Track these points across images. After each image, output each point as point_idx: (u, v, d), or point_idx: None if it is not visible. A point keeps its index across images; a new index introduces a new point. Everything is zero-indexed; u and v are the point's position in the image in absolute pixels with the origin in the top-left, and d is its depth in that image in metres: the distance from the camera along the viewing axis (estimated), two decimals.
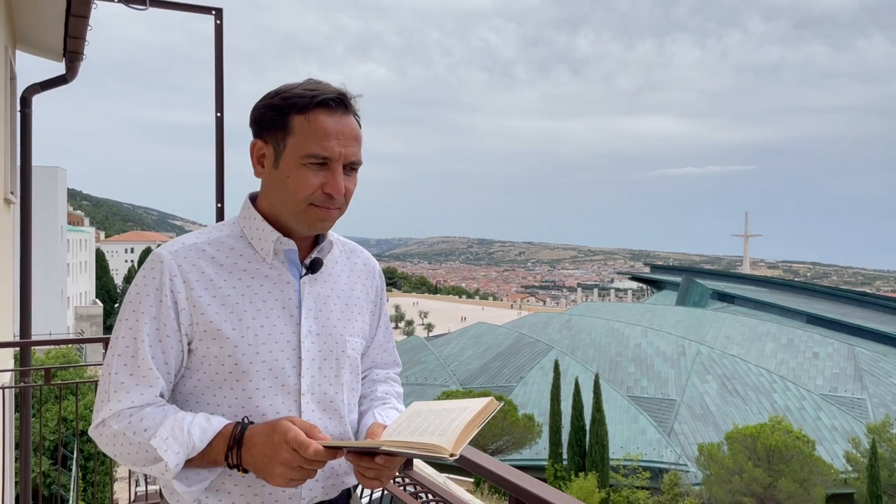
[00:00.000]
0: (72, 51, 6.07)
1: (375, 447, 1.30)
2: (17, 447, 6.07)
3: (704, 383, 41.10)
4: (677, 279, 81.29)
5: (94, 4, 5.13)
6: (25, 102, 6.48)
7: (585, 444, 30.51)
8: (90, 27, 5.60)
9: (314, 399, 1.46)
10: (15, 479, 6.03)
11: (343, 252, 1.63)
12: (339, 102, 1.42)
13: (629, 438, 35.20)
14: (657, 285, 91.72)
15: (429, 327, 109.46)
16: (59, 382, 4.88)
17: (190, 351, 1.41)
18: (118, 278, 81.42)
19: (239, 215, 1.52)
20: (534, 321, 55.41)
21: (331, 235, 1.55)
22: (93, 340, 5.39)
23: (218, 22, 5.74)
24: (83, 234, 60.96)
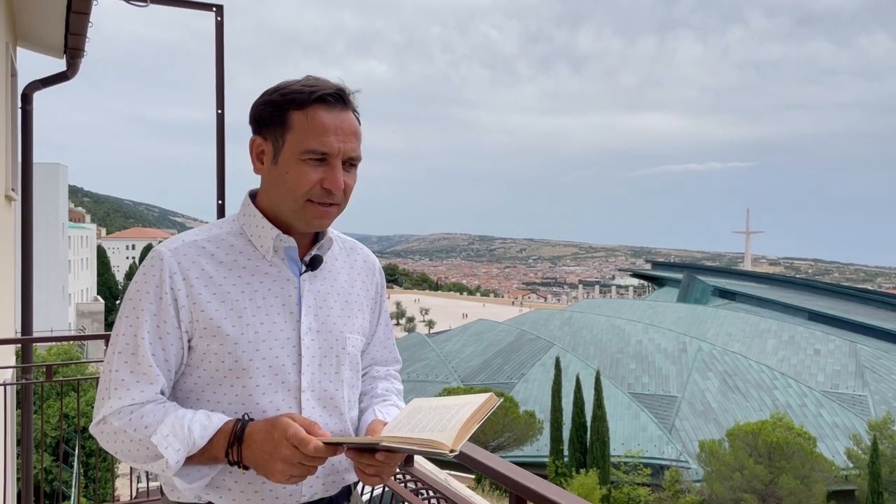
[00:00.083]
0: (73, 47, 6.07)
1: (375, 443, 1.31)
2: (19, 444, 6.08)
3: (706, 380, 41.12)
4: (678, 276, 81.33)
5: (95, 1, 5.13)
6: (26, 99, 6.49)
7: (586, 441, 30.55)
8: (91, 24, 5.60)
9: (314, 396, 1.47)
10: (17, 476, 6.04)
11: (343, 249, 1.63)
12: (338, 98, 1.42)
13: (630, 435, 35.23)
14: (658, 282, 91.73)
15: (430, 324, 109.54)
16: (61, 379, 4.89)
17: (190, 348, 1.42)
18: (119, 275, 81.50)
19: (239, 212, 1.52)
20: (535, 318, 55.42)
21: (330, 232, 1.55)
22: (94, 337, 5.40)
23: (219, 19, 5.74)
24: (84, 231, 60.97)
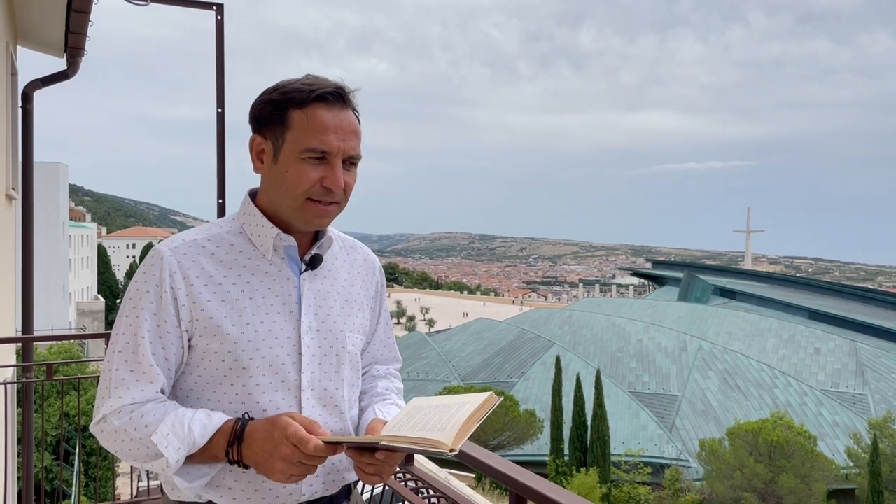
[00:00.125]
0: (73, 46, 6.07)
1: (375, 443, 1.31)
2: (20, 442, 6.09)
3: (706, 379, 41.12)
4: (679, 275, 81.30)
5: (95, 0, 5.13)
6: (27, 98, 6.49)
7: (587, 440, 30.56)
8: (91, 23, 5.60)
9: (314, 395, 1.47)
10: (17, 475, 6.05)
11: (343, 248, 1.63)
12: (338, 96, 1.42)
13: (630, 434, 35.24)
14: (659, 281, 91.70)
15: (430, 323, 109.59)
16: (61, 378, 4.89)
17: (190, 347, 1.42)
18: (120, 274, 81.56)
19: (239, 211, 1.53)
20: (535, 317, 55.42)
21: (330, 231, 1.55)
22: (95, 336, 5.41)
23: (219, 17, 5.74)
24: (85, 230, 60.99)
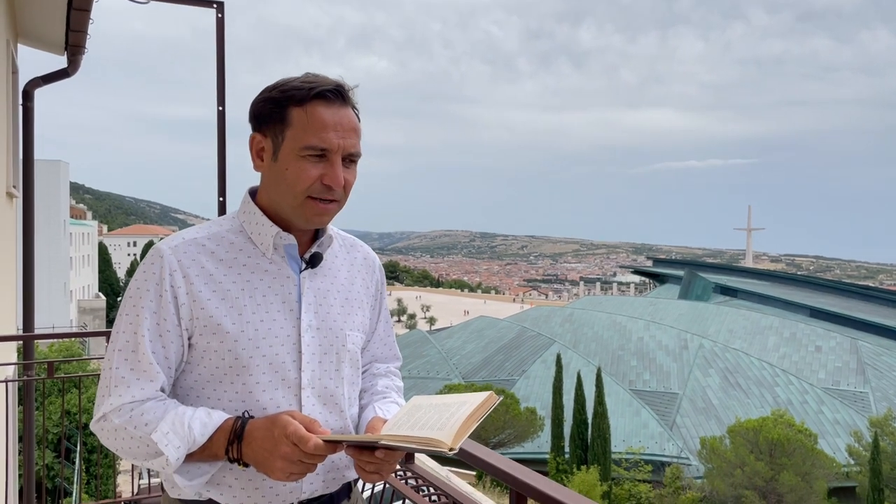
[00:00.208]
0: (73, 44, 6.08)
1: (375, 442, 1.31)
2: (21, 440, 6.10)
3: (707, 377, 41.13)
4: (680, 273, 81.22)
5: None
6: (27, 96, 6.49)
7: (587, 438, 30.57)
8: (92, 21, 5.60)
9: (314, 393, 1.47)
10: (19, 472, 6.05)
11: (343, 246, 1.63)
12: (337, 94, 1.42)
13: (631, 432, 35.26)
14: (660, 279, 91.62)
15: (431, 321, 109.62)
16: (63, 376, 4.89)
17: (190, 345, 1.42)
18: (121, 272, 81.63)
19: (239, 210, 1.53)
20: (536, 315, 55.41)
21: (330, 230, 1.55)
22: (96, 334, 5.42)
23: (219, 15, 5.72)
24: (86, 228, 61.04)
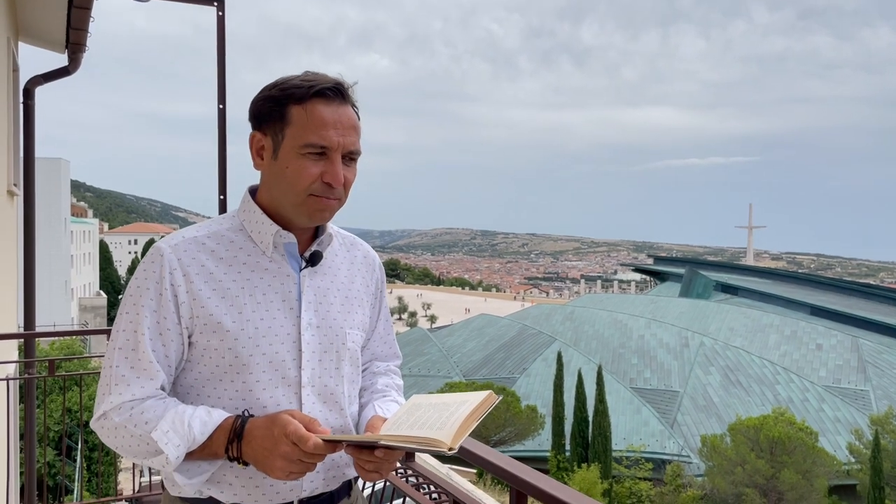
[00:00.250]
0: (74, 42, 6.07)
1: (375, 442, 1.31)
2: (23, 438, 6.11)
3: (707, 375, 41.13)
4: (681, 271, 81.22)
5: None
6: (28, 94, 6.49)
7: (588, 436, 30.59)
8: (92, 19, 5.59)
9: (315, 391, 1.47)
10: (20, 470, 6.06)
11: (343, 245, 1.63)
12: (337, 92, 1.42)
13: (632, 430, 35.28)
14: (660, 277, 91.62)
15: (432, 319, 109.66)
16: (64, 374, 4.90)
17: (190, 344, 1.42)
18: (122, 269, 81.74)
19: (239, 208, 1.53)
20: (537, 313, 55.40)
21: (330, 228, 1.55)
22: (97, 332, 5.41)
23: (220, 13, 5.71)
24: (87, 226, 61.09)
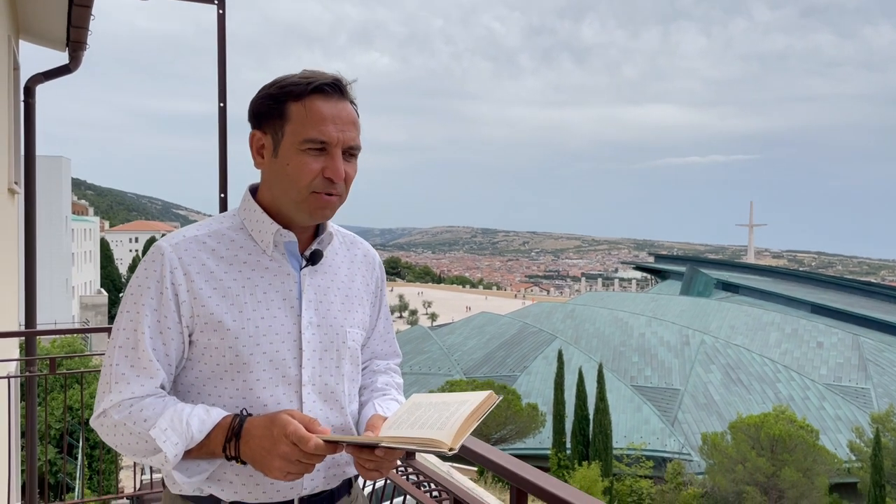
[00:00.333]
0: (75, 40, 6.07)
1: (376, 444, 1.31)
2: (24, 436, 6.11)
3: (708, 373, 41.13)
4: (681, 269, 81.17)
5: None
6: (29, 92, 6.48)
7: (589, 434, 30.61)
8: (93, 17, 5.59)
9: (315, 390, 1.47)
10: (21, 468, 6.08)
11: (343, 243, 1.63)
12: (335, 88, 1.42)
13: (633, 428, 35.29)
14: (661, 275, 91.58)
15: (432, 317, 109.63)
16: (65, 371, 4.90)
17: (191, 343, 1.42)
18: (123, 268, 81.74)
19: (239, 207, 1.53)
20: (537, 311, 55.41)
21: (331, 227, 1.55)
22: (98, 330, 5.41)
23: (220, 11, 5.71)
24: (88, 224, 61.08)
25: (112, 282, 64.63)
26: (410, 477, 2.63)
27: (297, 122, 1.40)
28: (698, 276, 71.25)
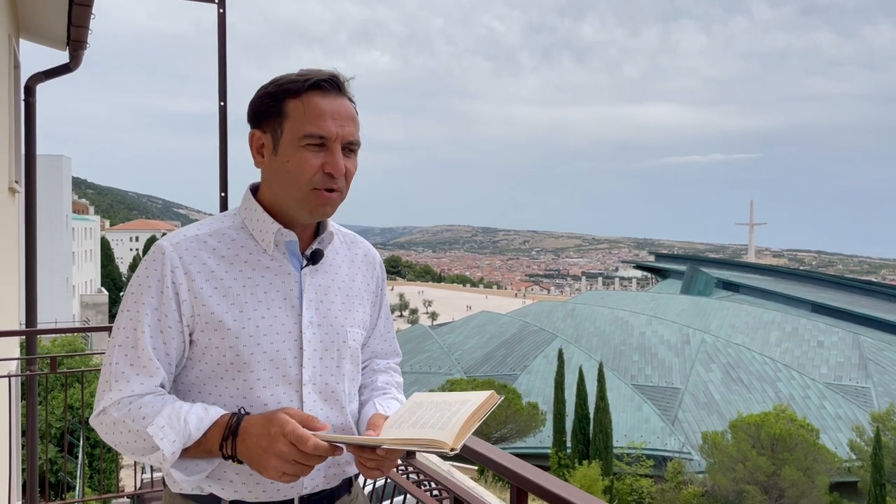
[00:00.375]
0: (75, 39, 6.07)
1: (377, 445, 1.31)
2: (24, 435, 6.11)
3: (709, 372, 41.15)
4: (682, 268, 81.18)
5: None
6: (29, 91, 6.48)
7: (589, 433, 30.63)
8: (93, 15, 5.59)
9: (315, 389, 1.47)
10: (22, 467, 6.08)
11: (343, 243, 1.63)
12: (333, 84, 1.43)
13: (633, 427, 35.31)
14: (662, 274, 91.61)
15: (433, 316, 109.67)
16: (65, 370, 4.91)
17: (191, 342, 1.42)
18: (123, 266, 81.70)
19: (240, 206, 1.53)
20: (538, 310, 55.47)
21: (331, 226, 1.55)
22: (98, 329, 5.41)
23: (221, 10, 5.70)
24: (88, 223, 61.07)
25: (112, 281, 64.63)
26: (411, 476, 2.63)
27: (296, 119, 1.40)
28: (699, 275, 71.25)
